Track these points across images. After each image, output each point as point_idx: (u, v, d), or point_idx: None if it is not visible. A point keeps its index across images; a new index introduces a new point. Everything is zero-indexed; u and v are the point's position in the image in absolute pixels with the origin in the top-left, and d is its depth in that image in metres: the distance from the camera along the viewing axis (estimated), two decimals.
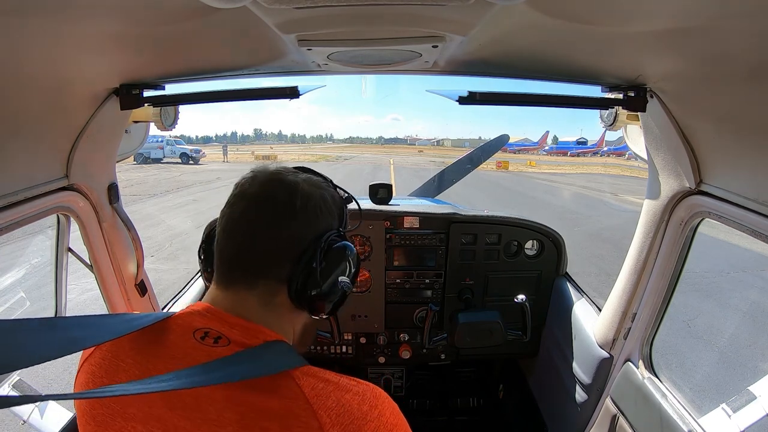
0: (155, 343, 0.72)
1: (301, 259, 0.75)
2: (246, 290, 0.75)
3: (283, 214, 0.75)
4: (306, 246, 0.75)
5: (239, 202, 0.77)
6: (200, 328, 0.72)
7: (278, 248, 0.75)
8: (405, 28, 0.92)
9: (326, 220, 0.79)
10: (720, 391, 4.06)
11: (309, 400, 0.65)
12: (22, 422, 1.36)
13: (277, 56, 1.17)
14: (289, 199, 0.76)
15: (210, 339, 0.70)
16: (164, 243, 8.63)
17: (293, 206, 0.75)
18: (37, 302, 4.36)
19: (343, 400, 0.67)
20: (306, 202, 0.76)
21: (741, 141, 1.00)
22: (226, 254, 0.77)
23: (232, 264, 0.76)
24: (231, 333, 0.71)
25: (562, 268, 2.17)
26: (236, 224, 0.76)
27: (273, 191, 0.77)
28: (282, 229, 0.74)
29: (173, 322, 0.74)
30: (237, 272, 0.76)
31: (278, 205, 0.75)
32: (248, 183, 0.79)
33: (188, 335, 0.71)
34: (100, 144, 1.29)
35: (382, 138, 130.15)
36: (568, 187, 21.23)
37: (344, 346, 2.23)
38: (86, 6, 0.73)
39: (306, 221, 0.76)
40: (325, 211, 0.79)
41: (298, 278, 0.75)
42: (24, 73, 0.87)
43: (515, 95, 1.25)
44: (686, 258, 1.38)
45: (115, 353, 0.73)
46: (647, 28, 0.81)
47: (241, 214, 0.76)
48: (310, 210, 0.77)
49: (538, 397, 2.25)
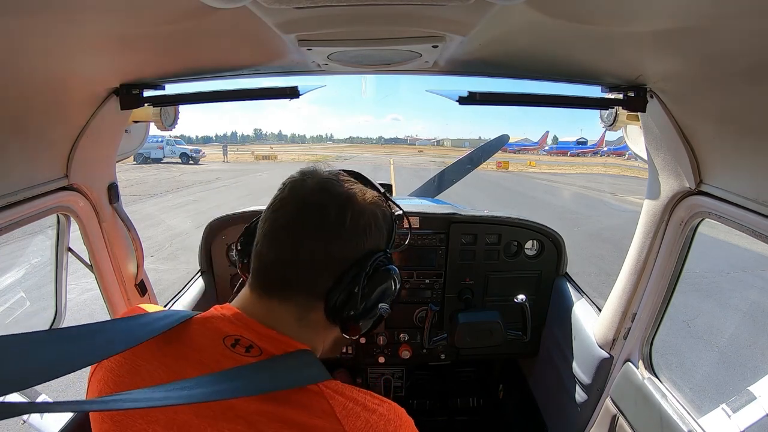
0: (182, 346, 0.69)
1: (344, 279, 0.71)
2: (282, 302, 0.72)
3: (331, 229, 0.71)
4: (350, 265, 0.72)
5: (286, 206, 0.73)
6: (231, 334, 0.69)
7: (321, 263, 0.71)
8: (405, 28, 0.92)
9: (375, 239, 0.75)
10: (720, 391, 4.07)
11: (340, 420, 0.64)
12: (22, 422, 1.36)
13: (277, 56, 1.17)
14: (340, 212, 0.71)
15: (241, 347, 0.68)
16: (164, 243, 8.63)
17: (343, 221, 0.71)
18: (37, 302, 4.36)
19: (371, 421, 0.65)
20: (357, 219, 0.72)
21: (741, 141, 1.00)
22: (265, 261, 0.73)
23: (270, 272, 0.73)
24: (262, 343, 0.69)
25: (562, 268, 2.17)
26: (280, 231, 0.72)
27: (323, 201, 0.72)
28: (328, 243, 0.71)
29: (200, 325, 0.72)
30: (274, 282, 0.73)
31: (327, 218, 0.71)
32: (298, 187, 0.75)
33: (217, 341, 0.68)
34: (100, 144, 1.29)
35: (382, 138, 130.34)
36: (568, 187, 21.24)
37: (344, 346, 2.23)
38: (86, 6, 0.72)
39: (354, 239, 0.72)
40: (375, 229, 0.75)
41: (337, 297, 0.71)
42: (24, 73, 0.87)
43: (515, 95, 1.25)
44: (686, 258, 1.37)
45: (134, 352, 0.69)
46: (647, 28, 0.81)
47: (287, 221, 0.72)
48: (360, 227, 0.73)
49: (538, 397, 2.25)
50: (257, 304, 0.73)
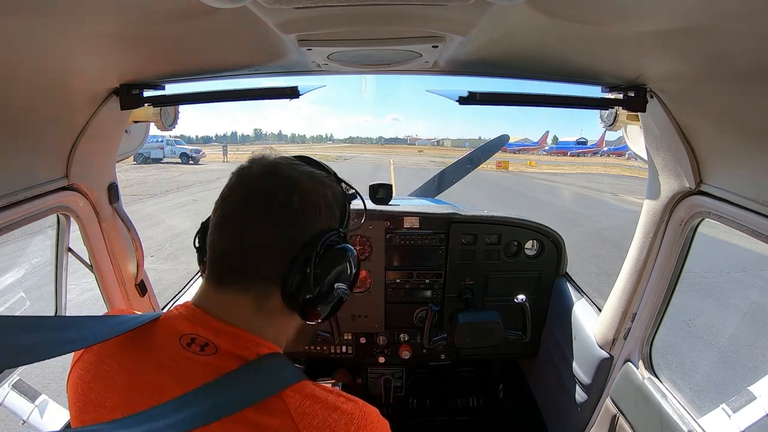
0: (142, 347, 0.69)
1: (296, 262, 0.70)
2: (238, 292, 0.71)
3: (280, 212, 0.70)
4: (302, 247, 0.70)
5: (233, 194, 0.72)
6: (187, 333, 0.68)
7: (273, 248, 0.70)
8: (405, 28, 0.92)
9: (326, 219, 0.74)
10: (720, 391, 4.06)
11: (294, 419, 0.62)
12: (22, 422, 1.36)
13: (277, 56, 1.17)
14: (287, 195, 0.70)
15: (196, 346, 0.67)
16: (164, 243, 8.63)
17: (290, 203, 0.70)
18: (37, 302, 4.36)
19: (329, 420, 0.64)
20: (305, 200, 0.71)
21: (741, 141, 1.00)
22: (217, 251, 0.72)
23: (223, 263, 0.72)
24: (219, 340, 0.68)
25: (562, 268, 2.17)
26: (229, 219, 0.71)
27: (270, 186, 0.71)
28: (277, 227, 0.70)
29: (160, 326, 0.71)
30: (229, 272, 0.71)
31: (274, 202, 0.70)
32: (245, 174, 0.74)
33: (174, 340, 0.68)
34: (100, 144, 1.29)
35: (382, 138, 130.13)
36: (568, 187, 21.24)
37: (344, 346, 2.23)
38: (86, 6, 0.72)
39: (304, 220, 0.71)
40: (324, 209, 0.74)
41: (291, 282, 0.70)
42: (24, 73, 0.87)
43: (515, 95, 1.25)
44: (686, 258, 1.38)
45: (101, 357, 0.69)
46: (647, 28, 0.81)
47: (235, 209, 0.71)
48: (308, 208, 0.71)
49: (538, 397, 2.25)
50: (213, 297, 0.72)
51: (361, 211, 0.97)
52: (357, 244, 2.10)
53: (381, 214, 2.09)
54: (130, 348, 0.69)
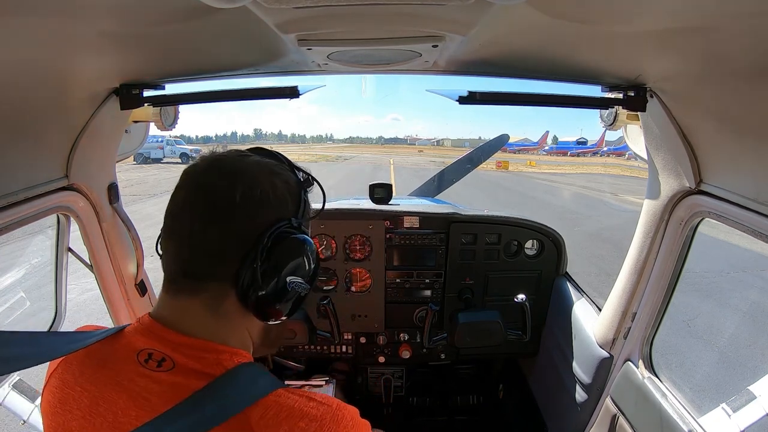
0: (102, 367, 0.65)
1: (247, 258, 0.65)
2: (191, 297, 0.67)
3: (223, 207, 0.66)
4: (254, 243, 0.66)
5: (178, 195, 0.69)
6: (143, 348, 0.65)
7: (221, 246, 0.66)
8: (405, 28, 0.92)
9: (276, 209, 0.69)
10: (720, 391, 4.06)
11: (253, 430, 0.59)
12: (22, 422, 1.36)
13: (277, 56, 1.17)
14: (230, 188, 0.66)
15: (153, 362, 0.63)
16: None
17: (233, 197, 0.66)
18: (37, 302, 4.36)
19: (296, 429, 0.60)
20: (249, 192, 0.67)
21: (741, 141, 1.00)
22: (168, 256, 0.68)
23: (173, 266, 0.68)
24: (175, 354, 0.64)
25: (562, 268, 2.17)
26: (174, 222, 0.68)
27: (212, 181, 0.67)
28: (222, 224, 0.65)
29: (115, 341, 0.67)
30: (181, 276, 0.68)
31: (216, 197, 0.66)
32: (190, 172, 0.70)
33: (131, 357, 0.64)
34: (100, 144, 1.29)
35: (382, 138, 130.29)
36: (568, 187, 21.24)
37: (344, 345, 2.23)
38: (86, 6, 0.73)
39: (250, 213, 0.67)
40: (274, 200, 0.69)
41: (243, 280, 0.66)
42: (24, 73, 0.87)
43: (515, 95, 1.25)
44: (686, 258, 1.37)
45: (65, 381, 0.66)
46: (647, 28, 0.81)
47: (181, 209, 0.68)
48: (254, 200, 0.67)
49: (538, 397, 2.25)
50: (169, 305, 0.69)
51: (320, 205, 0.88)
52: (357, 244, 2.10)
53: (381, 213, 2.09)
54: (90, 368, 0.66)
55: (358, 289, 2.14)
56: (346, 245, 2.10)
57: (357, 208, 2.11)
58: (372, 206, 2.14)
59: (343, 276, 2.13)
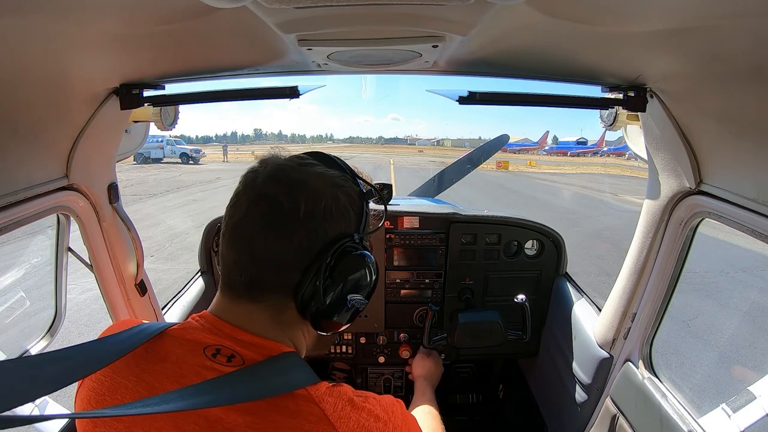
0: (159, 359, 0.66)
1: (308, 272, 0.66)
2: (253, 303, 0.68)
3: (286, 220, 0.65)
4: (316, 256, 0.66)
5: (240, 203, 0.69)
6: (211, 344, 0.66)
7: (283, 259, 0.66)
8: (405, 28, 0.92)
9: (339, 223, 0.69)
10: (720, 391, 4.06)
11: (333, 424, 0.62)
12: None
13: (277, 56, 1.17)
14: (293, 201, 0.66)
15: (223, 357, 0.64)
16: (164, 243, 8.63)
17: (297, 210, 0.65)
18: (37, 302, 4.36)
19: (362, 421, 0.63)
20: (313, 205, 0.66)
21: (741, 141, 1.00)
22: (227, 262, 0.69)
23: (233, 274, 0.69)
24: (245, 351, 0.66)
25: (562, 268, 2.17)
26: (235, 231, 0.68)
27: (275, 192, 0.67)
28: (285, 237, 0.65)
29: (178, 337, 0.68)
30: (240, 284, 0.68)
31: (280, 209, 0.66)
32: (250, 180, 0.70)
33: (197, 352, 0.65)
34: (100, 144, 1.29)
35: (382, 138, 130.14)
36: (568, 187, 21.24)
37: (344, 345, 2.24)
38: (86, 6, 0.72)
39: (313, 227, 0.66)
40: (336, 214, 0.69)
41: (303, 293, 0.67)
42: (24, 73, 0.87)
43: (515, 95, 1.25)
44: (686, 258, 1.37)
45: (117, 370, 0.66)
46: (647, 28, 0.81)
47: (241, 219, 0.68)
48: (318, 214, 0.67)
49: (538, 397, 2.25)
50: (230, 307, 0.70)
51: (381, 213, 0.92)
52: None
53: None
54: (146, 360, 0.66)
55: None
56: None
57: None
58: (372, 206, 2.13)
59: None
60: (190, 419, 0.60)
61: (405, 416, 0.72)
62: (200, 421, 0.60)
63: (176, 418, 0.60)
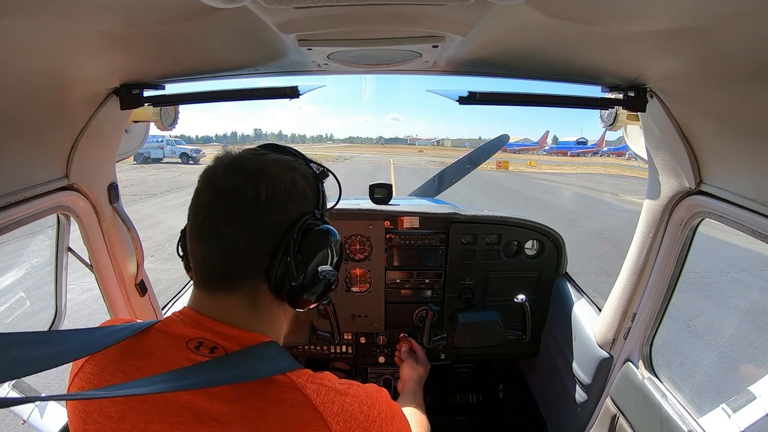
0: (145, 354, 0.68)
1: (277, 252, 0.69)
2: (229, 294, 0.71)
3: (250, 208, 0.68)
4: (280, 237, 0.69)
5: (201, 199, 0.71)
6: (193, 338, 0.68)
7: (251, 245, 0.69)
8: (405, 28, 0.92)
9: (299, 203, 0.72)
10: (720, 391, 4.06)
11: (317, 408, 0.63)
12: (21, 422, 1.36)
13: (277, 56, 1.17)
14: (254, 188, 0.68)
15: (205, 349, 0.67)
16: (164, 243, 8.63)
17: (258, 197, 0.68)
18: (37, 302, 4.37)
19: (345, 404, 0.65)
20: (273, 190, 0.69)
21: (741, 141, 1.00)
22: (198, 258, 0.71)
23: (205, 268, 0.71)
24: (226, 343, 0.68)
25: (562, 268, 2.17)
26: (202, 225, 0.70)
27: (234, 183, 0.69)
28: (251, 224, 0.68)
29: (161, 332, 0.70)
30: (214, 276, 0.70)
31: (242, 198, 0.68)
32: (210, 175, 0.72)
33: (180, 345, 0.67)
34: (100, 144, 1.29)
35: (382, 138, 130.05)
36: (568, 187, 21.24)
37: (344, 346, 2.23)
38: (86, 6, 0.73)
39: (276, 210, 0.69)
40: (296, 195, 0.72)
41: (276, 273, 0.69)
42: (24, 73, 0.87)
43: (515, 95, 1.25)
44: (686, 258, 1.37)
45: (104, 368, 0.68)
46: (647, 28, 0.81)
47: (206, 213, 0.70)
48: (279, 197, 0.70)
49: (538, 397, 2.25)
50: (208, 301, 0.72)
51: None
52: (357, 244, 2.11)
53: (381, 213, 2.09)
54: (132, 356, 0.68)
55: (358, 290, 2.14)
56: (346, 245, 2.10)
57: (357, 209, 2.11)
58: (372, 206, 2.14)
59: (343, 276, 2.13)
60: (176, 411, 0.62)
61: (389, 403, 0.74)
62: (186, 412, 0.62)
63: (163, 412, 0.62)
